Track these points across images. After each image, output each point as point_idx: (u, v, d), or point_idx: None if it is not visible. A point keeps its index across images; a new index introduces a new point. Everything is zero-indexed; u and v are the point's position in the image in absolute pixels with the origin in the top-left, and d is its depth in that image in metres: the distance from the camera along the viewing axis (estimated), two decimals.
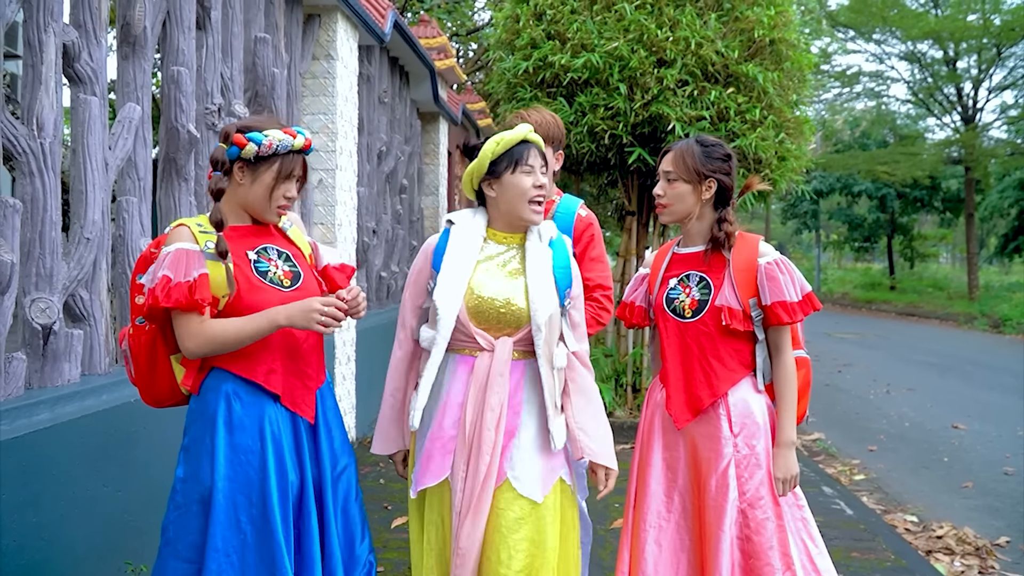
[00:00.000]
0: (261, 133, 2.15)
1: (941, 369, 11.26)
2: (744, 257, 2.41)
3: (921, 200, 27.27)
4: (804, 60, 6.08)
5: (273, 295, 2.17)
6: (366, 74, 6.73)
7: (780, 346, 2.41)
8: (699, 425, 2.42)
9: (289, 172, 2.19)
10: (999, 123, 22.98)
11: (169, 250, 2.08)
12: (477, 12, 17.74)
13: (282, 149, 2.16)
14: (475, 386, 2.20)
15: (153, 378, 2.25)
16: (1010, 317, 17.31)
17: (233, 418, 2.13)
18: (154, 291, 2.03)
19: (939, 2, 21.32)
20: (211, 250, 2.11)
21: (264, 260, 2.22)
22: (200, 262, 2.07)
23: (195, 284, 2.03)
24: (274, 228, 2.32)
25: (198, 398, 2.18)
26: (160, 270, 2.05)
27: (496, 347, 2.21)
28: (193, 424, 2.18)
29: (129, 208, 3.39)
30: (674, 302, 2.47)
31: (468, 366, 2.23)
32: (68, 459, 2.75)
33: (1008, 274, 31.91)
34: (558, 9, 5.88)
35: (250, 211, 2.24)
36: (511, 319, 2.22)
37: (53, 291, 2.90)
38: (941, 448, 6.78)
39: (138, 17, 3.41)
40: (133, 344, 2.23)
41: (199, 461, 2.13)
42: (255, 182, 2.18)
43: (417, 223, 8.95)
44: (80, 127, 3.10)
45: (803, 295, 2.36)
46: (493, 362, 2.20)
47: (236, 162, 2.17)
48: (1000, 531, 4.72)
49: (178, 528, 2.12)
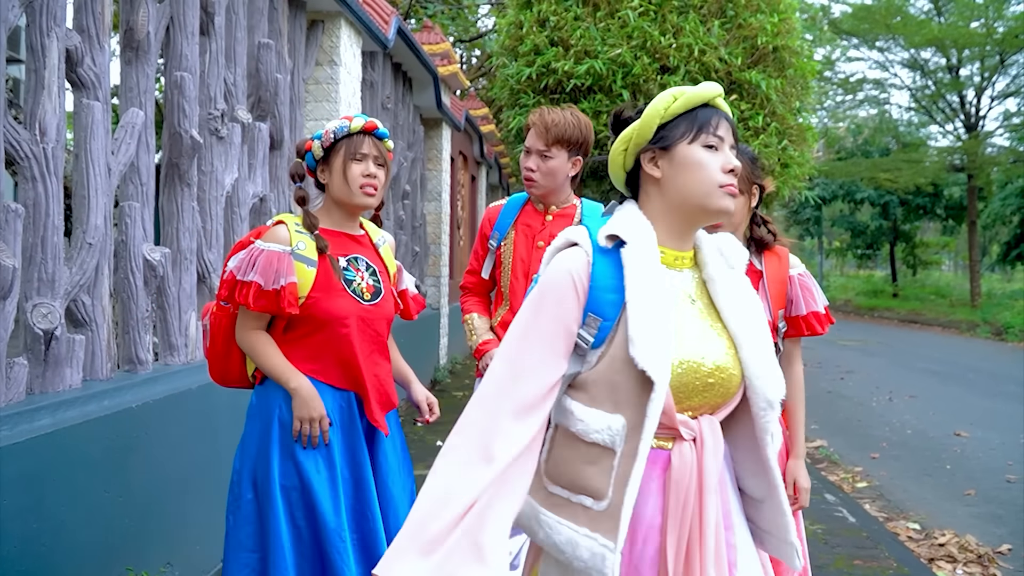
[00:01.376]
0: (320, 130, 2.32)
1: (943, 376, 11.23)
2: (776, 268, 2.39)
3: (924, 207, 27.26)
4: (807, 67, 6.08)
5: (352, 306, 2.27)
6: (369, 80, 6.74)
7: (793, 358, 2.41)
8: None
9: (354, 152, 2.29)
10: (1002, 131, 23.02)
11: (263, 248, 2.19)
12: (480, 18, 17.78)
13: (340, 133, 2.29)
14: (676, 495, 1.44)
15: (228, 359, 2.39)
16: (1012, 325, 17.29)
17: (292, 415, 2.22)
18: (244, 291, 2.15)
19: (942, 9, 21.33)
20: (302, 251, 2.22)
21: (352, 269, 2.32)
22: (289, 267, 2.18)
23: (283, 292, 2.15)
24: (368, 241, 2.43)
25: (260, 391, 2.30)
26: (251, 272, 2.16)
27: (703, 432, 1.49)
28: (253, 417, 2.29)
29: (132, 213, 3.39)
30: None
31: (659, 466, 1.48)
32: (69, 465, 2.74)
33: (1010, 282, 31.85)
34: (561, 16, 5.89)
35: (341, 202, 2.34)
36: (719, 391, 1.52)
37: (55, 296, 2.89)
38: (943, 456, 6.76)
39: (141, 22, 3.42)
40: (214, 322, 2.36)
41: (256, 455, 2.24)
42: (332, 173, 2.31)
43: (420, 229, 8.95)
44: (83, 132, 3.10)
45: (825, 308, 2.37)
46: (704, 455, 1.47)
47: (318, 166, 2.33)
48: (1002, 539, 4.70)
49: (237, 519, 2.24)
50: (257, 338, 2.24)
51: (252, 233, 2.35)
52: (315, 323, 2.24)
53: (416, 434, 6.57)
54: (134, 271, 3.36)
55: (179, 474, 3.36)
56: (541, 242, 2.80)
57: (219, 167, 4.01)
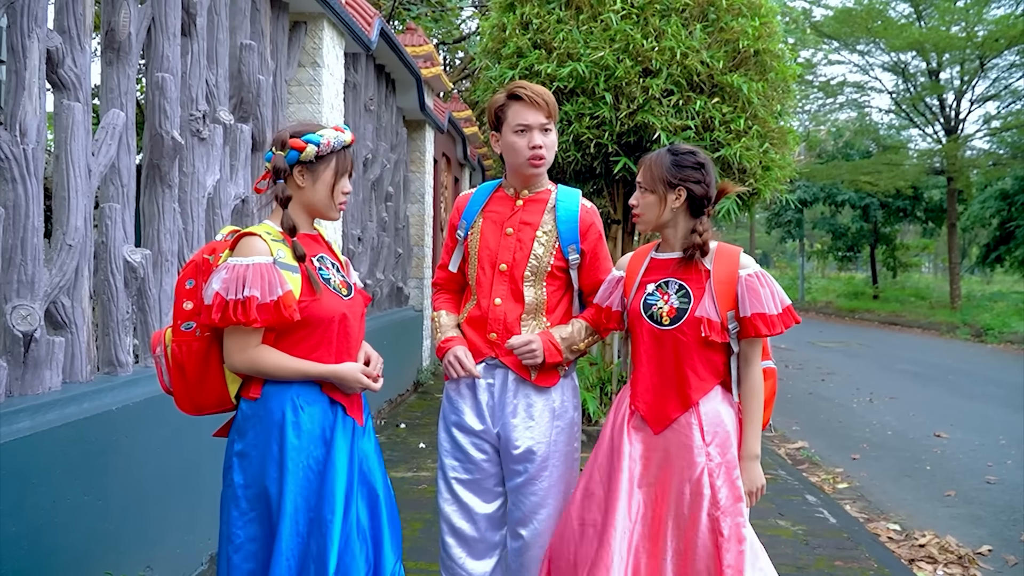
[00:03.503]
0: (316, 134, 2.24)
1: (923, 378, 11.33)
2: (725, 269, 2.41)
3: (904, 210, 27.47)
4: (788, 71, 6.11)
5: (338, 302, 2.27)
6: (352, 82, 6.73)
7: (750, 359, 2.42)
8: (671, 433, 2.42)
9: (346, 168, 2.29)
10: (981, 134, 23.20)
11: (247, 264, 2.12)
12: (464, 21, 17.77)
13: (338, 146, 2.26)
14: None
15: (202, 386, 2.28)
16: (992, 326, 17.45)
17: (301, 424, 2.19)
18: (245, 308, 2.08)
19: (923, 14, 21.50)
20: (282, 259, 2.18)
21: (324, 268, 2.30)
22: (280, 277, 2.14)
23: (281, 301, 2.11)
24: (322, 239, 2.40)
25: (259, 403, 2.21)
26: (245, 288, 2.09)
27: None
28: (252, 429, 2.21)
29: (112, 215, 3.37)
30: (651, 308, 2.45)
31: None
32: (49, 468, 2.73)
33: (990, 284, 32.16)
34: (544, 18, 5.89)
35: (314, 212, 2.32)
36: None
37: (35, 298, 2.87)
38: (924, 457, 6.82)
39: (123, 23, 3.40)
40: (179, 351, 2.24)
41: (263, 467, 2.18)
42: (317, 182, 2.27)
43: (403, 231, 8.94)
44: (63, 133, 3.08)
45: (783, 308, 2.37)
46: None
47: (295, 166, 2.25)
48: (982, 539, 4.74)
49: (247, 532, 2.17)
50: (260, 354, 2.17)
51: (205, 250, 2.28)
52: (310, 327, 2.21)
53: (399, 436, 6.56)
54: (114, 273, 3.34)
55: (159, 477, 3.34)
56: (510, 228, 2.62)
57: (201, 168, 3.99)
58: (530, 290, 2.60)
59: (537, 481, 2.58)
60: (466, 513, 2.64)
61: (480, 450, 2.62)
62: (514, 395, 2.59)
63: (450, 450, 2.66)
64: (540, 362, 2.54)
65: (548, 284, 2.62)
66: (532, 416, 2.59)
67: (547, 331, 2.59)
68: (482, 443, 2.62)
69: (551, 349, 2.55)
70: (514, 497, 2.62)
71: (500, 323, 2.59)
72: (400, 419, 7.21)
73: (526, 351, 2.52)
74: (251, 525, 2.18)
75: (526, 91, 2.55)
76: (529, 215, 2.63)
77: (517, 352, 2.53)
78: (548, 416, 2.60)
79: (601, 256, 2.69)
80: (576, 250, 2.63)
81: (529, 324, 2.60)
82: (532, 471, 2.57)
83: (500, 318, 2.59)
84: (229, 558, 2.18)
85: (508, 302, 2.60)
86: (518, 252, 2.59)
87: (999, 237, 22.88)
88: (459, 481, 2.64)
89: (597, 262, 2.68)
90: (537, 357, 2.52)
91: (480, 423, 2.61)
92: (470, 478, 2.64)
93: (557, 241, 2.61)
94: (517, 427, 2.57)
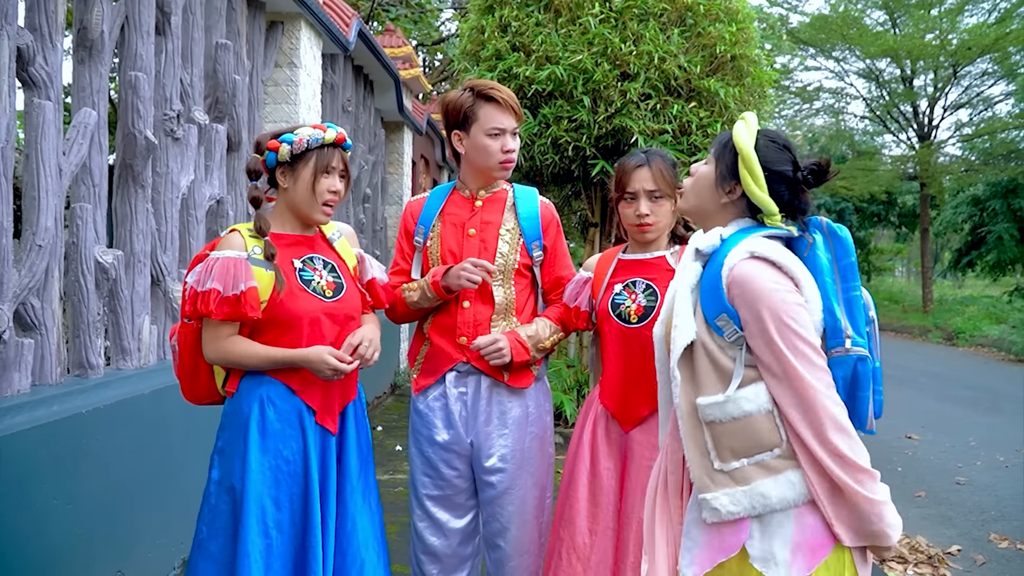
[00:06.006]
0: (291, 133, 2.24)
1: (896, 381, 11.44)
2: None
3: (878, 215, 27.78)
4: (765, 76, 6.16)
5: (314, 304, 2.25)
6: (330, 82, 6.70)
7: None
8: (639, 432, 2.44)
9: (326, 165, 2.26)
10: (954, 140, 23.48)
11: (218, 257, 2.16)
12: (443, 23, 17.76)
13: (314, 143, 2.24)
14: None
15: (195, 376, 2.35)
16: (963, 330, 17.67)
17: (267, 423, 2.20)
18: (205, 299, 2.12)
19: (897, 21, 21.75)
20: (258, 255, 2.19)
21: (309, 269, 2.29)
22: (247, 272, 2.15)
23: (244, 296, 2.12)
24: (321, 239, 2.39)
25: (233, 400, 2.25)
26: (209, 280, 2.13)
27: None
28: (229, 426, 2.24)
29: (83, 215, 3.33)
30: (619, 307, 2.49)
31: None
32: (17, 471, 2.69)
33: (961, 288, 32.56)
34: (523, 21, 5.90)
35: (298, 213, 2.31)
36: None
37: (3, 299, 2.83)
38: (895, 458, 6.89)
39: (95, 21, 3.36)
40: (181, 341, 2.32)
41: (231, 464, 2.19)
42: (296, 181, 2.26)
43: (380, 232, 8.91)
44: (34, 132, 3.04)
45: None
46: None
47: (277, 168, 2.27)
48: (952, 540, 4.80)
49: (211, 529, 2.18)
50: (229, 344, 2.19)
51: (208, 246, 2.31)
52: (281, 326, 2.21)
53: (375, 439, 6.54)
54: (85, 274, 3.30)
55: (130, 481, 3.30)
56: (473, 229, 2.59)
57: (175, 168, 3.95)
58: (499, 290, 2.58)
59: (513, 490, 2.57)
60: (438, 529, 2.62)
61: (451, 466, 2.60)
62: (487, 402, 2.57)
63: (420, 466, 2.64)
64: (508, 361, 2.51)
65: (516, 283, 2.61)
66: (506, 424, 2.57)
67: (513, 330, 2.56)
68: (453, 458, 2.60)
69: (518, 348, 2.52)
70: (490, 509, 2.60)
71: (469, 326, 2.57)
72: (377, 422, 7.18)
73: (493, 350, 2.48)
74: (219, 519, 2.18)
75: (501, 94, 2.53)
76: (490, 214, 2.62)
77: (484, 352, 2.49)
78: (522, 422, 2.59)
79: (560, 253, 2.70)
80: (539, 247, 2.63)
81: (499, 325, 2.58)
82: (507, 481, 2.56)
83: (469, 321, 2.57)
84: (192, 554, 2.20)
85: (476, 304, 2.57)
86: (483, 252, 2.57)
87: (971, 242, 23.17)
88: (430, 498, 2.63)
89: (557, 259, 2.69)
90: (504, 356, 2.49)
91: (452, 435, 2.58)
92: (441, 494, 2.62)
93: (521, 238, 2.61)
94: (491, 435, 2.56)
